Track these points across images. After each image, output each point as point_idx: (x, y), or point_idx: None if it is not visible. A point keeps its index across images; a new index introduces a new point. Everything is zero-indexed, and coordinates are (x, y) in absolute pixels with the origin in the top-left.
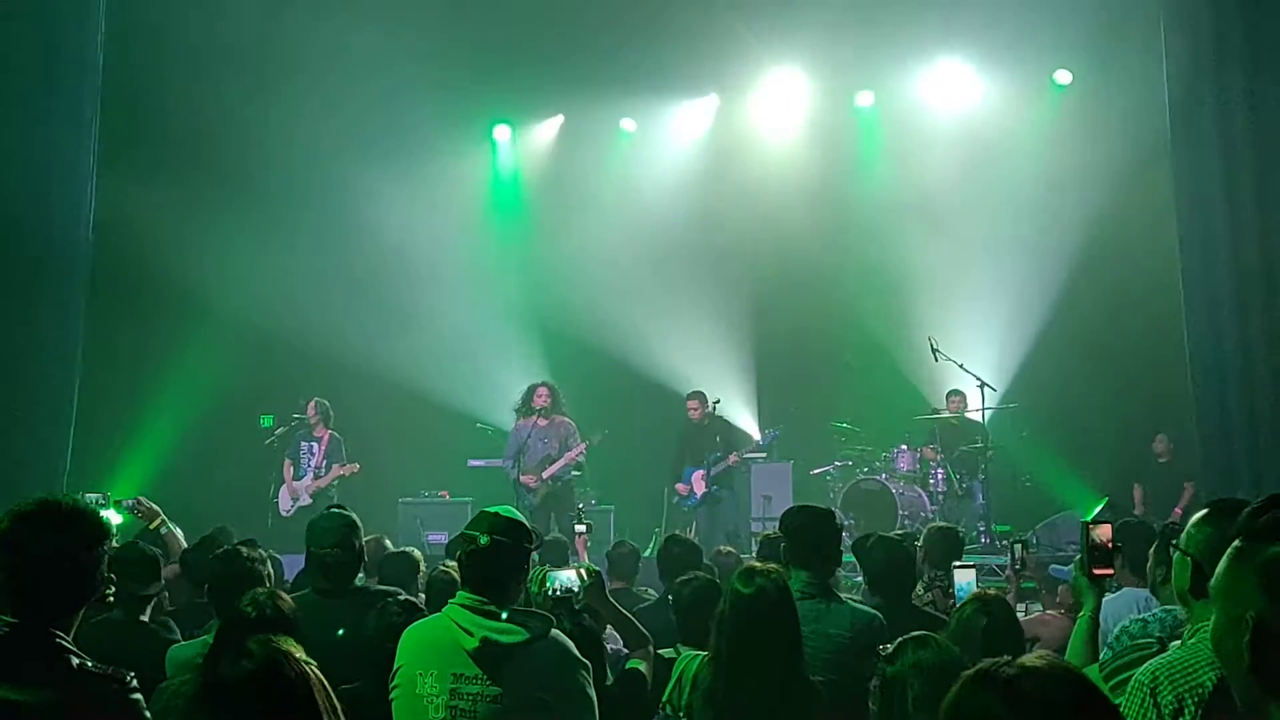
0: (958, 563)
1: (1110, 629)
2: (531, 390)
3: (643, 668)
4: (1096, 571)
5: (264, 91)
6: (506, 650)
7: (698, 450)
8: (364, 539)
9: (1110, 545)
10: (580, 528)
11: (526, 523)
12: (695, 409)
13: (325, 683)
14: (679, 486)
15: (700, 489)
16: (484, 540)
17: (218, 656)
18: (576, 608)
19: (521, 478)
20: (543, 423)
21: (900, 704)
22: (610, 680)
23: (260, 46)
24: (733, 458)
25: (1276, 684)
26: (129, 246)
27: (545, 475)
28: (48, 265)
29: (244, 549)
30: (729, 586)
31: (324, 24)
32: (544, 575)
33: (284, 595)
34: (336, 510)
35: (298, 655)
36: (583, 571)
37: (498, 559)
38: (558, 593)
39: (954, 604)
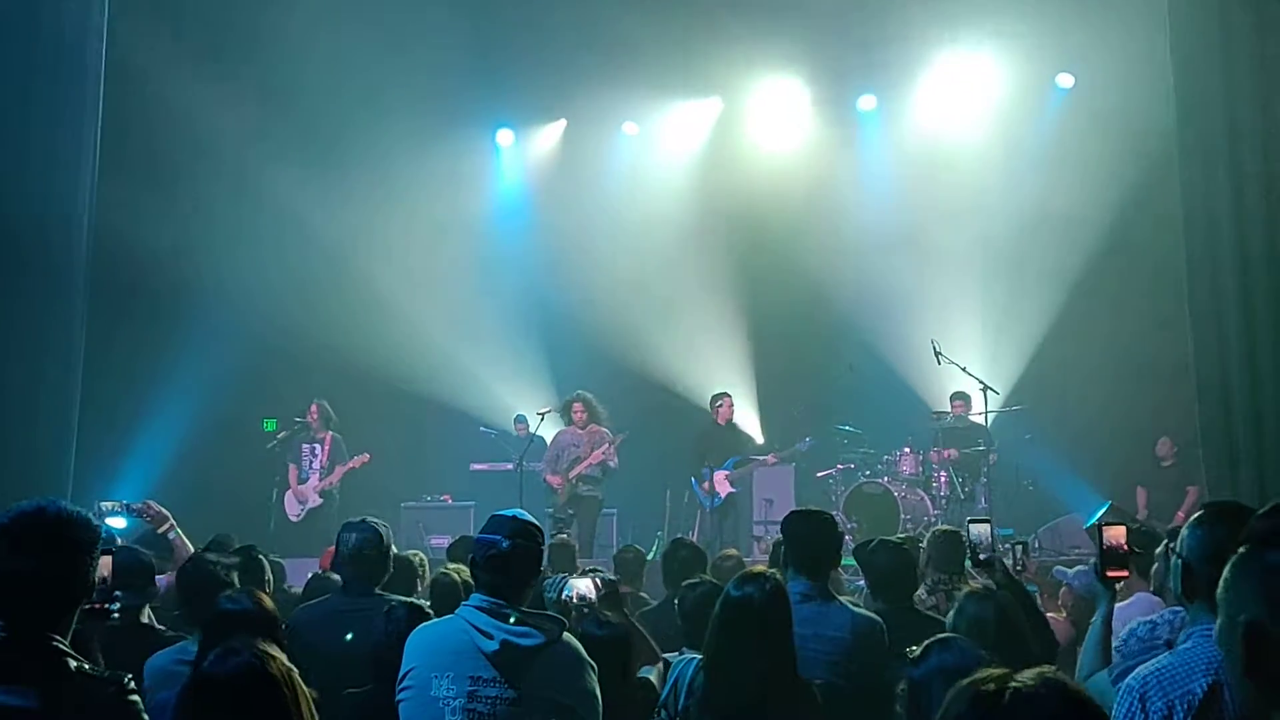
0: (971, 517)
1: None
2: (568, 404)
3: (654, 677)
4: (1110, 573)
5: (266, 95)
6: (526, 653)
7: (720, 451)
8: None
9: (1124, 548)
10: (560, 537)
11: (538, 524)
12: (725, 409)
13: (304, 686)
14: (704, 485)
15: (725, 490)
16: (505, 545)
17: (204, 654)
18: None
19: (548, 478)
20: (580, 432)
21: (926, 707)
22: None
23: (263, 51)
24: (771, 458)
25: (1271, 688)
26: (131, 250)
27: (571, 476)
28: (49, 269)
29: (209, 554)
30: (725, 588)
31: (327, 28)
32: (562, 583)
33: (263, 594)
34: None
35: (280, 657)
36: (599, 581)
37: (517, 562)
38: (574, 601)
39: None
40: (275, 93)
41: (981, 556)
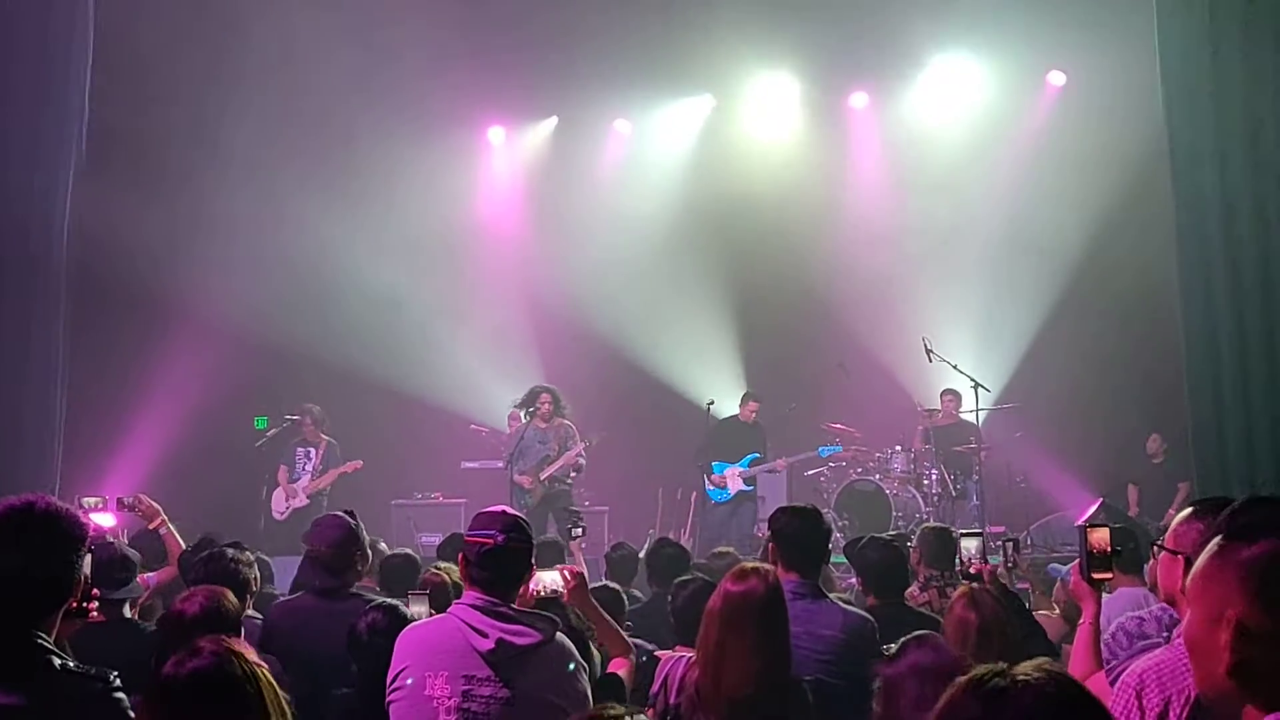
0: (964, 530)
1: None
2: (534, 394)
3: (623, 674)
4: (1095, 576)
5: (255, 93)
6: (521, 652)
7: (736, 448)
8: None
9: (1109, 550)
10: (577, 532)
11: (527, 520)
12: (753, 410)
13: (275, 684)
14: (714, 478)
15: (736, 486)
16: (501, 540)
17: (165, 654)
18: (563, 608)
19: (517, 477)
20: (542, 425)
21: (900, 705)
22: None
23: (249, 49)
24: (780, 463)
25: (1253, 685)
26: (117, 245)
27: (543, 476)
28: (29, 264)
29: (230, 550)
30: (721, 584)
31: (316, 27)
32: (532, 576)
33: (229, 595)
34: (342, 513)
35: (248, 656)
36: (565, 573)
37: (513, 558)
38: (542, 593)
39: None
40: (264, 91)
41: (971, 570)
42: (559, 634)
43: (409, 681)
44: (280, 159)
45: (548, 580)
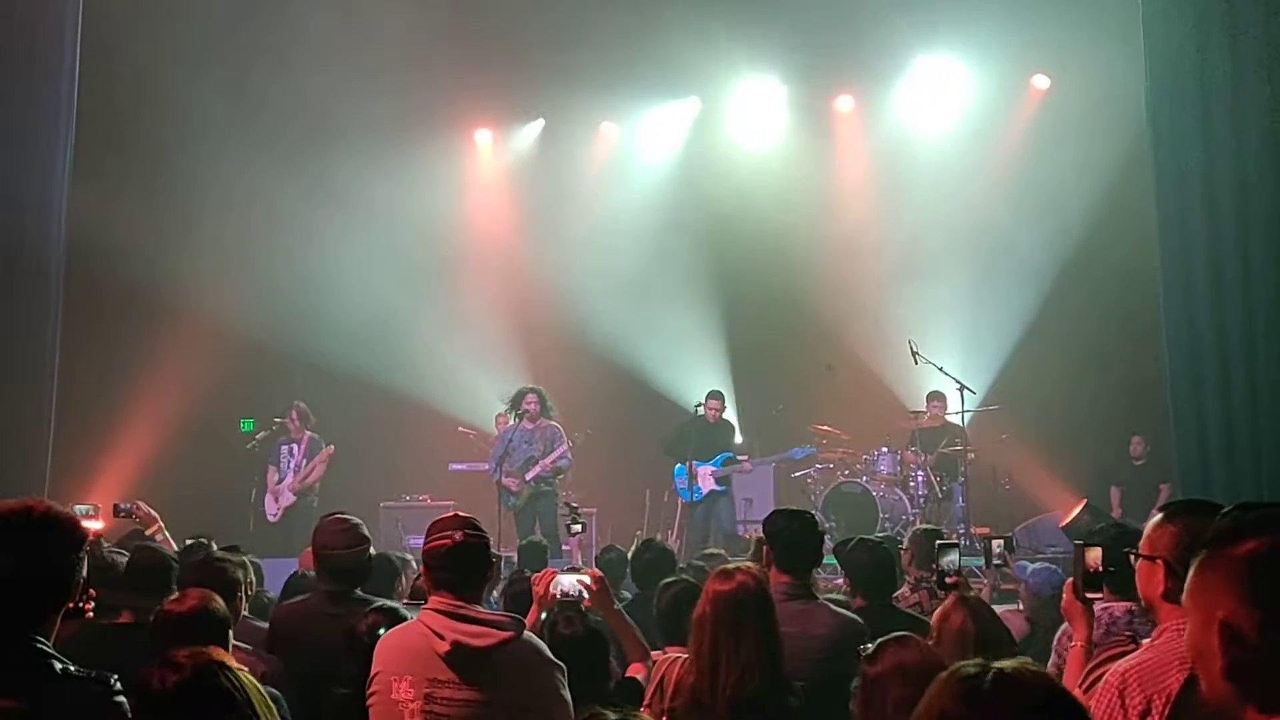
0: (941, 540)
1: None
2: (520, 395)
3: (640, 678)
4: (1089, 595)
5: (242, 93)
6: (480, 653)
7: (706, 447)
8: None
9: (1101, 569)
10: (576, 528)
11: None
12: (715, 409)
13: (261, 688)
14: (680, 480)
15: (707, 485)
16: (458, 537)
17: (150, 663)
18: (581, 611)
19: (504, 479)
20: (529, 426)
21: (881, 706)
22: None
23: (239, 50)
24: (747, 464)
25: (1248, 686)
26: (105, 251)
27: (529, 477)
28: (21, 268)
29: (221, 552)
30: (706, 586)
31: (305, 28)
32: (551, 579)
33: (216, 597)
34: (343, 515)
35: (230, 664)
36: (587, 576)
37: (472, 555)
38: (563, 597)
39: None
40: (253, 94)
41: (948, 580)
42: (526, 633)
43: (380, 685)
44: (270, 162)
45: (566, 584)
